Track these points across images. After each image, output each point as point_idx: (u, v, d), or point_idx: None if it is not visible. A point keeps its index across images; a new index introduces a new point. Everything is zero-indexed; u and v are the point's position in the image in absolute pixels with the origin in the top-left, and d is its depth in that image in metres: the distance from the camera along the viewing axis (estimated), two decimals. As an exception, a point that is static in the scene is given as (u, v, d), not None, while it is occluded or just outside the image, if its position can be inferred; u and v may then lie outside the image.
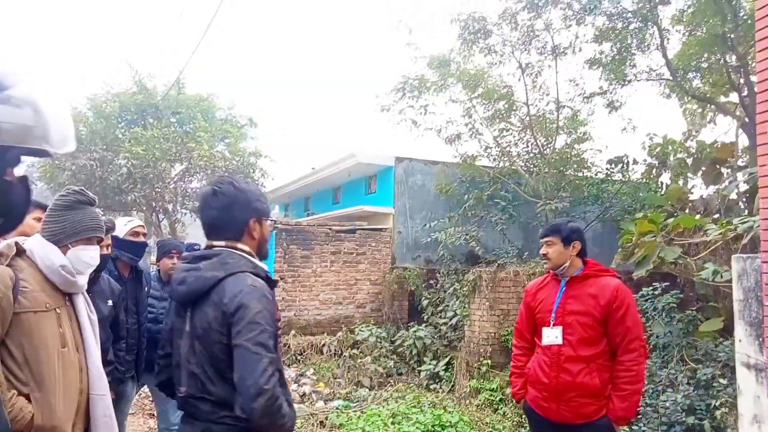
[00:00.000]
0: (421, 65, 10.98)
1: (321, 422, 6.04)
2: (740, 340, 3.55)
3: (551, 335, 2.78)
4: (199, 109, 15.95)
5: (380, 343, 9.25)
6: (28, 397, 1.86)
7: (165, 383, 1.90)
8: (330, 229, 10.98)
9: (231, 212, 1.75)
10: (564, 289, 2.86)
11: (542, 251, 2.94)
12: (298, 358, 9.24)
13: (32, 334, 1.90)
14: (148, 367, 3.72)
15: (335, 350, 9.35)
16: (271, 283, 1.73)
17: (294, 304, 10.25)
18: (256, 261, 1.76)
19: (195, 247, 4.58)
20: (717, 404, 5.09)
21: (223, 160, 14.90)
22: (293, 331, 9.67)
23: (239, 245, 1.76)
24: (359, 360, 8.64)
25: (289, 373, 8.33)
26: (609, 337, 2.72)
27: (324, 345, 9.56)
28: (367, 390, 7.78)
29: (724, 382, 5.22)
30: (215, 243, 1.78)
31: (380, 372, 8.44)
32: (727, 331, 5.74)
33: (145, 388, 4.46)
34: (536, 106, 10.75)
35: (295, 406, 6.65)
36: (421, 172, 11.89)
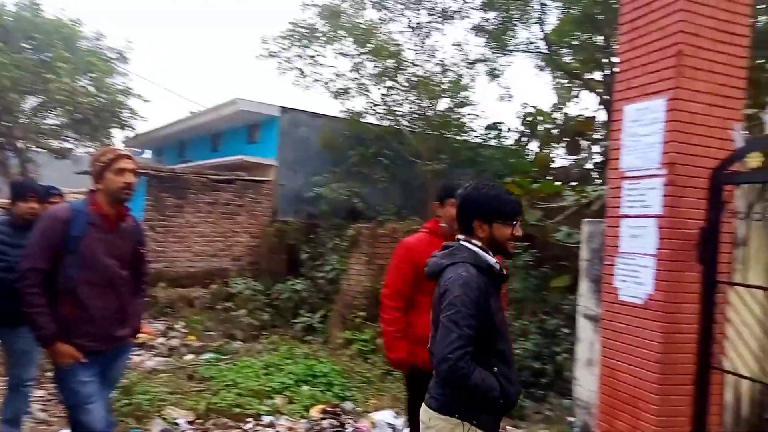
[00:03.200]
0: (312, 13, 10.63)
1: (190, 375, 5.88)
2: (583, 295, 3.99)
3: None
4: (60, 36, 14.08)
5: (256, 296, 9.14)
6: None
7: None
8: (207, 177, 10.47)
9: (461, 212, 2.11)
10: None
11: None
12: (167, 311, 8.86)
13: None
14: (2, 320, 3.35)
15: (208, 303, 9.09)
16: (493, 276, 2.02)
17: (164, 255, 9.73)
18: (483, 254, 2.03)
19: (52, 191, 4.10)
20: (559, 350, 5.73)
21: (87, 96, 13.42)
22: (162, 283, 9.21)
23: (473, 240, 2.07)
24: (233, 313, 8.48)
25: (157, 326, 7.98)
26: None
27: (196, 298, 9.24)
28: (240, 342, 7.70)
29: (566, 331, 5.87)
30: (459, 236, 2.14)
31: (255, 325, 8.37)
32: (573, 288, 6.42)
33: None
34: (423, 67, 10.94)
35: (162, 359, 6.43)
36: (307, 125, 11.66)
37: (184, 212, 10.06)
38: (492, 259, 2.04)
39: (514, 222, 2.07)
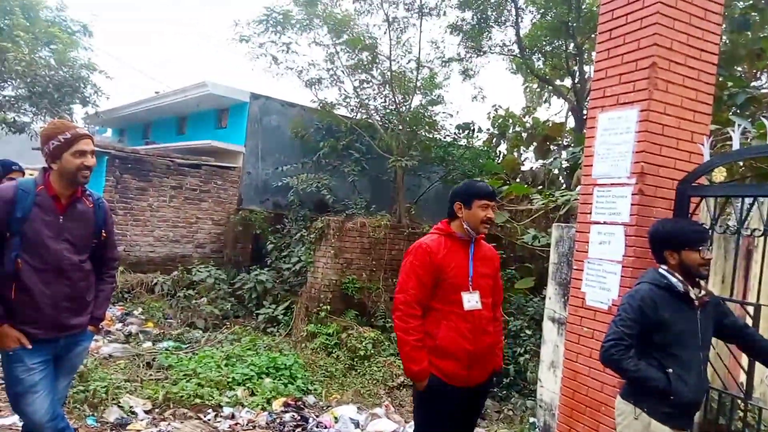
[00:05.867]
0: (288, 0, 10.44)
1: (148, 363, 5.74)
2: (550, 298, 4.06)
3: (472, 300, 2.63)
4: (18, 3, 13.45)
5: (219, 284, 8.98)
6: None
7: None
8: (172, 161, 10.21)
9: (653, 246, 2.46)
10: (473, 252, 2.74)
11: (489, 215, 2.71)
12: (126, 296, 8.63)
13: None
14: None
15: (168, 290, 8.88)
16: (672, 292, 2.32)
17: (124, 239, 9.45)
18: (666, 275, 2.35)
19: (13, 167, 4.22)
20: (521, 351, 5.83)
21: (47, 69, 12.86)
22: (121, 268, 8.96)
23: (664, 266, 2.41)
24: (194, 301, 8.31)
25: (114, 311, 7.76)
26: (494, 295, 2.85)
27: (156, 284, 9.02)
28: (200, 332, 7.56)
29: (529, 333, 5.98)
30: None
31: (216, 314, 8.23)
32: (537, 290, 6.55)
33: None
34: (398, 62, 10.88)
35: (119, 346, 6.26)
36: (278, 113, 11.49)
37: (147, 195, 9.80)
38: (674, 280, 2.33)
39: (700, 247, 2.31)
